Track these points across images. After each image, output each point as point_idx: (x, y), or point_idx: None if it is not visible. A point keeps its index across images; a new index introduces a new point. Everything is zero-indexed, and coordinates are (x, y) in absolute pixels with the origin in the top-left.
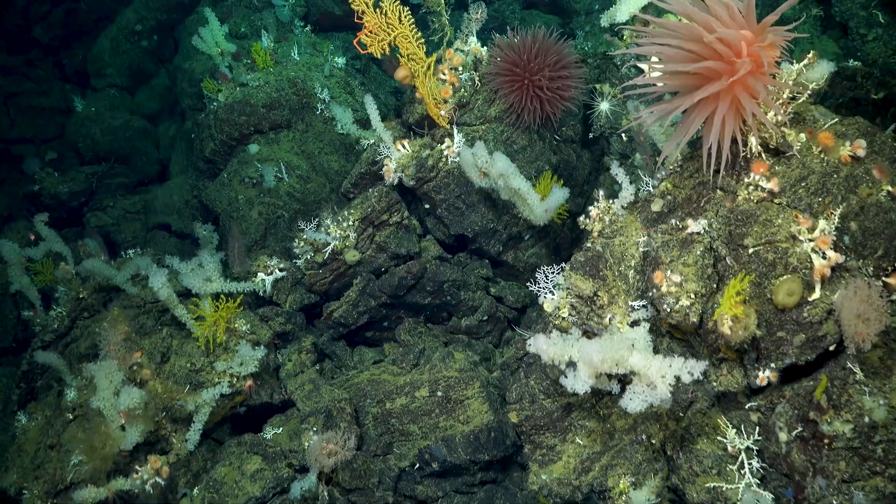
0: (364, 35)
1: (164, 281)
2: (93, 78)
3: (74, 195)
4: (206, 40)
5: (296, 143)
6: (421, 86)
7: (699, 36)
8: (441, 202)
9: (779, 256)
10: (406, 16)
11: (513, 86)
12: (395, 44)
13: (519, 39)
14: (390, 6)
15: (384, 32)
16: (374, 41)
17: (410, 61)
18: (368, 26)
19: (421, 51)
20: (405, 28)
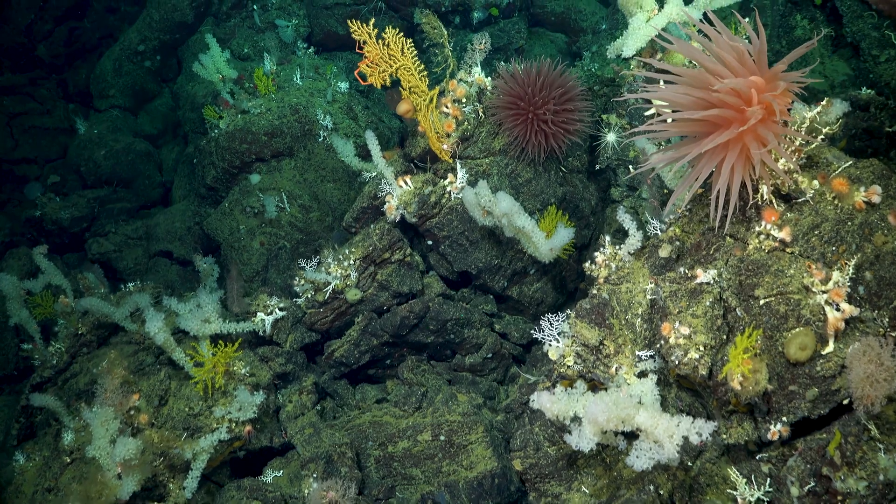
0: (365, 65)
1: (161, 325)
2: (96, 99)
3: (76, 221)
4: (206, 67)
5: (298, 172)
6: (423, 120)
7: (708, 83)
8: (444, 239)
9: (791, 308)
10: (409, 47)
11: (517, 119)
12: (397, 76)
13: (523, 71)
14: (393, 37)
15: (386, 64)
16: (375, 72)
17: (412, 94)
18: (370, 57)
19: (423, 83)
20: (407, 60)
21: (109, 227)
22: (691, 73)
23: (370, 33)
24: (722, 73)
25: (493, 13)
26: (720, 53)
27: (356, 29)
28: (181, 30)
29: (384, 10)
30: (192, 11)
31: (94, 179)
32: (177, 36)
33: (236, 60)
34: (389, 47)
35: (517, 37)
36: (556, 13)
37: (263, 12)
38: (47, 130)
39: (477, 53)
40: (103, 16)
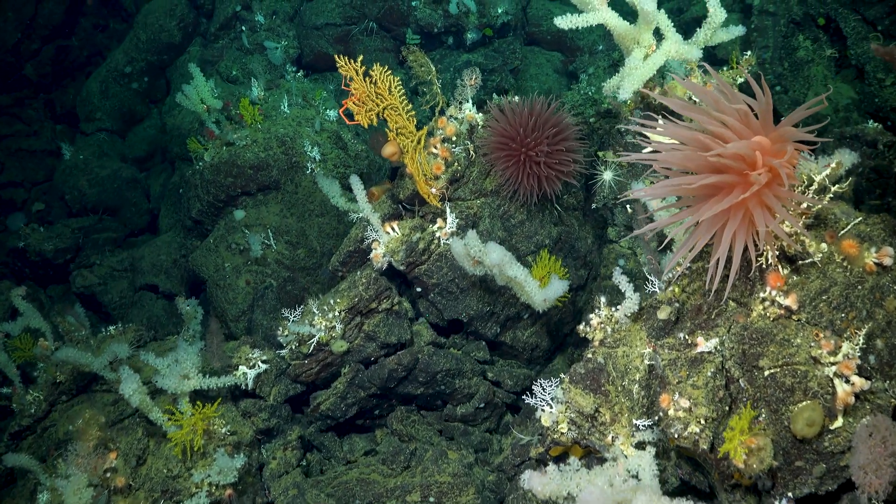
0: (352, 103)
1: (136, 387)
2: (82, 122)
3: (60, 252)
4: (190, 97)
5: (284, 206)
6: (410, 163)
7: (709, 146)
8: (433, 286)
9: (797, 381)
10: (396, 86)
11: (508, 161)
12: (384, 116)
13: (516, 109)
14: (380, 75)
15: (373, 103)
16: (361, 111)
17: (399, 136)
18: (357, 95)
19: (411, 123)
20: (395, 99)
21: (94, 259)
22: (692, 136)
23: (357, 70)
24: (724, 136)
25: (488, 33)
26: (722, 117)
27: (343, 65)
28: (169, 51)
29: (376, 30)
30: (179, 32)
31: (79, 208)
32: (164, 57)
33: (224, 83)
34: (377, 85)
35: (512, 57)
36: (552, 32)
37: (252, 33)
38: (34, 153)
39: (468, 89)
40: (91, 34)
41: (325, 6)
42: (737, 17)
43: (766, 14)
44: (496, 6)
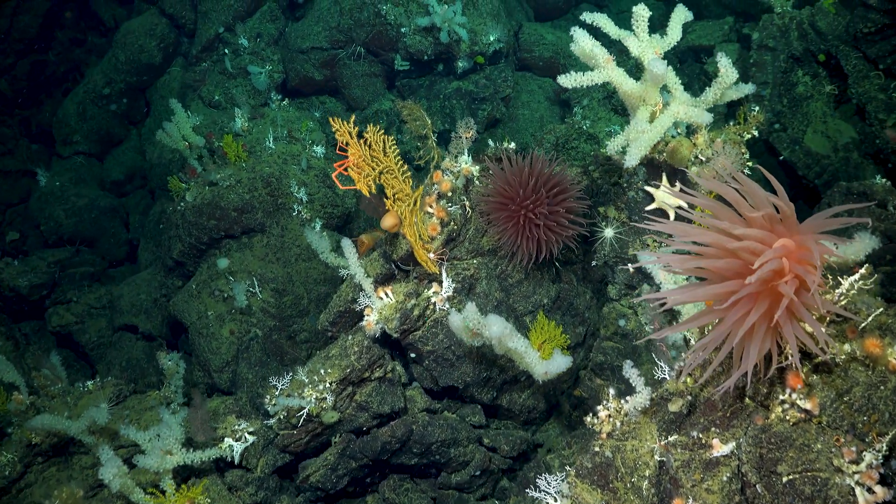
0: (350, 168)
1: (116, 471)
2: (59, 145)
3: (35, 288)
4: (172, 135)
5: (270, 250)
6: (408, 229)
7: (732, 253)
8: (428, 353)
9: (817, 489)
10: (391, 146)
11: (507, 223)
12: (380, 181)
13: (515, 167)
14: (375, 137)
15: (369, 167)
16: (360, 177)
17: (397, 202)
18: (353, 159)
19: (408, 185)
20: (391, 161)
21: (71, 295)
22: (714, 241)
23: (352, 133)
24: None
25: (479, 61)
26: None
27: (338, 128)
28: (149, 71)
29: (363, 54)
30: (160, 53)
31: (55, 239)
32: (144, 77)
33: (206, 108)
34: (371, 148)
35: (503, 85)
36: (544, 58)
37: (235, 56)
38: (9, 174)
39: (464, 141)
40: (68, 49)
41: (311, 29)
42: (735, 48)
43: (765, 49)
44: (488, 34)
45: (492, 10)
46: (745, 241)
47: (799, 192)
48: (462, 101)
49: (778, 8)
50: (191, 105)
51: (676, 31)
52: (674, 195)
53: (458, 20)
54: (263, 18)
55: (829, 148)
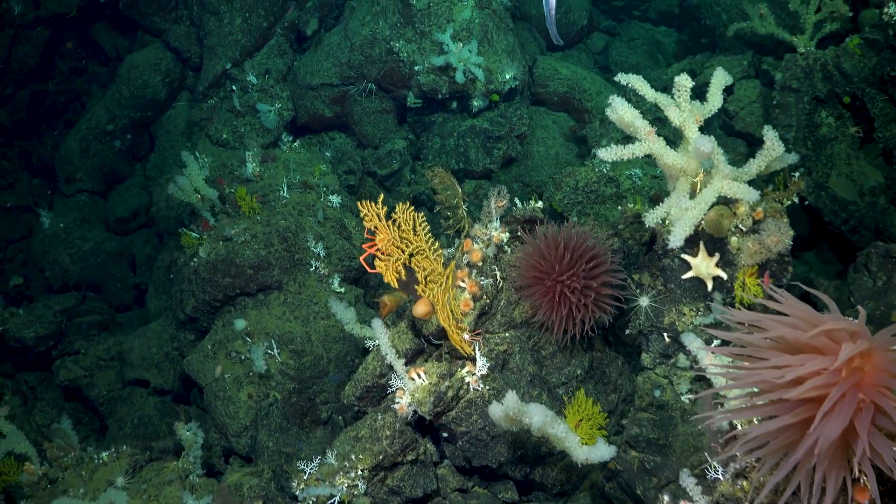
0: (376, 255)
1: None
2: (62, 183)
3: (42, 339)
4: (185, 189)
5: (287, 308)
6: (441, 311)
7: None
8: (462, 434)
9: None
10: (421, 222)
11: (542, 298)
12: (411, 264)
13: (548, 239)
14: (403, 215)
15: (398, 250)
16: (387, 264)
17: (429, 284)
18: (380, 245)
19: (439, 263)
20: (421, 240)
21: (79, 345)
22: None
23: (379, 214)
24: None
25: (494, 99)
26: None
27: (366, 212)
28: (154, 107)
29: (374, 91)
30: (164, 88)
31: (60, 285)
32: (149, 113)
33: (214, 146)
34: (400, 228)
35: (519, 123)
36: (559, 93)
37: (244, 94)
38: (10, 210)
39: (494, 211)
40: (69, 78)
41: (321, 65)
42: (754, 84)
43: (788, 90)
44: (504, 72)
45: (507, 47)
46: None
47: (824, 237)
48: (476, 139)
49: (801, 48)
50: (198, 144)
51: (717, 98)
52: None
53: (474, 60)
54: (271, 53)
55: (854, 192)
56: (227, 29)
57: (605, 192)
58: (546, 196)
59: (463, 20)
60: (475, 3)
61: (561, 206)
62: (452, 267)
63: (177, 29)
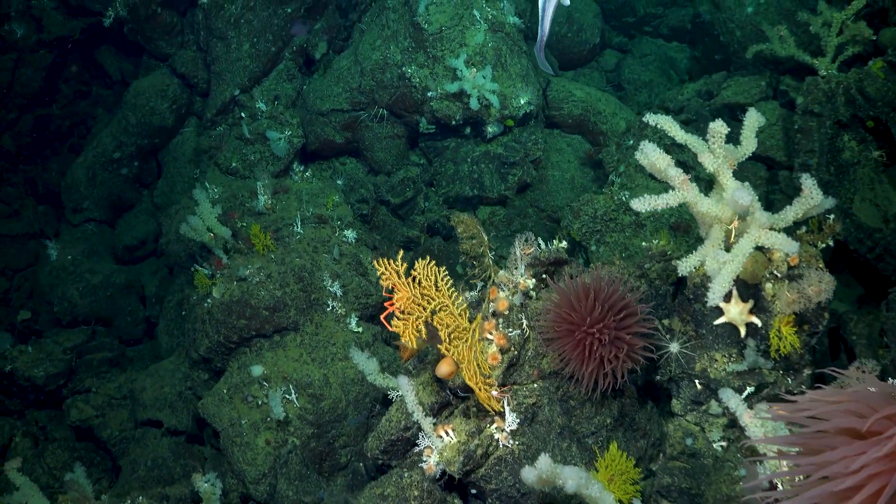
0: (395, 314)
1: None
2: (68, 212)
3: (51, 378)
4: (197, 229)
5: (304, 350)
6: (467, 369)
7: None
8: (492, 492)
9: None
10: (443, 276)
11: (572, 351)
12: (433, 322)
13: (578, 289)
14: (424, 272)
15: (419, 308)
16: (407, 324)
17: (454, 342)
18: (399, 304)
19: (464, 318)
20: (444, 296)
21: (90, 383)
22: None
23: (399, 271)
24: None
25: (509, 124)
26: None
27: (384, 271)
28: (161, 134)
29: (386, 116)
30: (172, 115)
31: (69, 320)
32: (156, 140)
33: (223, 175)
34: (421, 285)
35: (534, 148)
36: (574, 116)
37: (253, 121)
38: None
39: (520, 258)
40: (73, 101)
41: (331, 90)
42: (773, 106)
43: (810, 115)
44: (518, 97)
45: (521, 71)
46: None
47: (848, 263)
48: (491, 164)
49: (822, 70)
50: (207, 172)
51: (751, 141)
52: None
53: (489, 86)
54: (280, 78)
55: (878, 219)
56: (235, 54)
57: (624, 221)
58: (564, 224)
59: (476, 44)
60: (488, 27)
61: (579, 234)
62: (479, 320)
63: (183, 54)
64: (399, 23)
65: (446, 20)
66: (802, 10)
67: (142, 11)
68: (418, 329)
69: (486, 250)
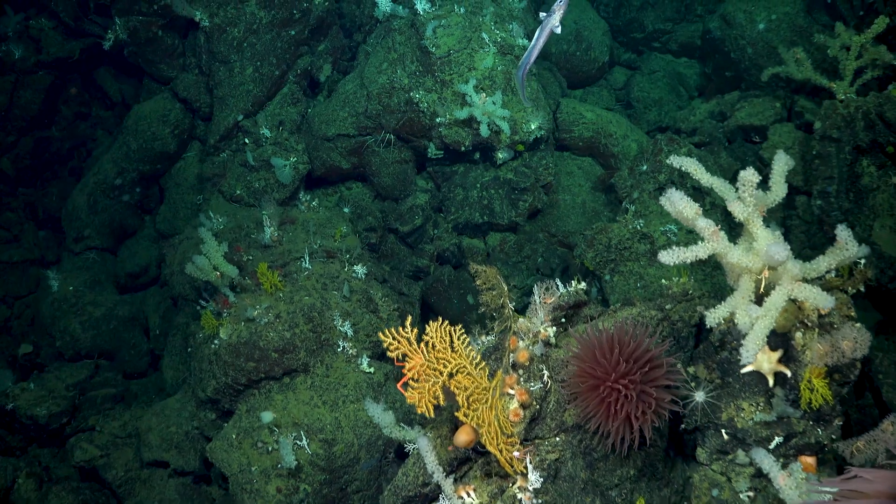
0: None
1: None
2: (69, 241)
3: (55, 417)
4: (203, 268)
5: (315, 392)
6: (487, 434)
7: None
8: None
9: None
10: (460, 335)
11: (597, 407)
12: (450, 386)
13: (602, 339)
14: (437, 334)
15: (435, 373)
16: (422, 392)
17: (473, 404)
18: (413, 371)
19: (483, 377)
20: (462, 357)
21: (93, 421)
22: None
23: (409, 338)
24: None
25: (520, 149)
26: None
27: (391, 342)
28: (163, 159)
29: (393, 141)
30: (174, 140)
31: (72, 354)
32: (158, 166)
33: (227, 203)
34: (436, 349)
35: (545, 173)
36: (584, 138)
37: (257, 147)
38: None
39: (541, 307)
40: (73, 123)
41: (337, 115)
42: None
43: (829, 140)
44: (529, 122)
45: (531, 95)
46: None
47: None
48: (501, 190)
49: (840, 94)
50: (211, 200)
51: (781, 187)
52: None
53: (499, 113)
54: (284, 102)
55: None
56: (238, 79)
57: (639, 249)
58: (577, 253)
59: (485, 68)
60: (497, 50)
61: (593, 264)
62: (499, 377)
63: (185, 77)
64: (406, 45)
65: (454, 43)
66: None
67: (142, 34)
68: (435, 396)
69: (506, 301)
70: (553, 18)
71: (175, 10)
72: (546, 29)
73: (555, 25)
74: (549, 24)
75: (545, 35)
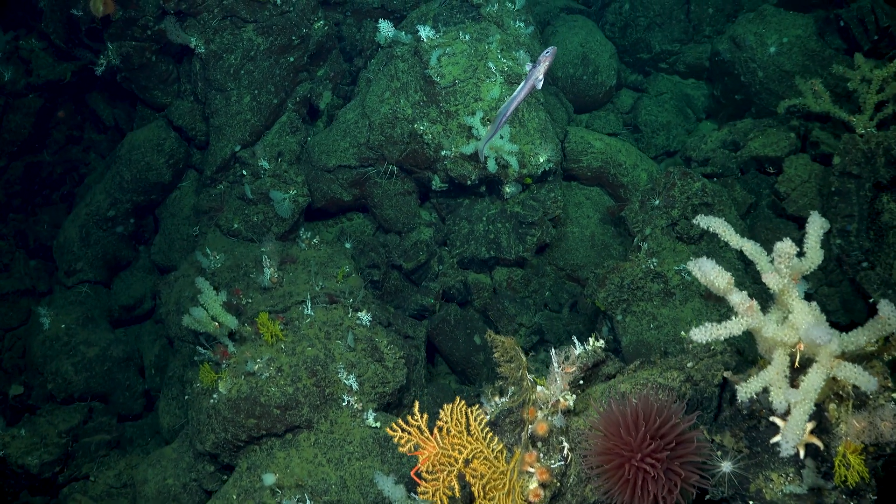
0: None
1: None
2: (61, 275)
3: (46, 466)
4: (201, 320)
5: (319, 450)
6: None
7: None
8: None
9: None
10: (477, 417)
11: (623, 487)
12: (466, 474)
13: (628, 414)
14: (452, 418)
15: (450, 460)
16: (437, 484)
17: (490, 493)
18: (426, 465)
19: (501, 460)
20: (479, 441)
21: (87, 469)
22: None
23: (421, 425)
24: None
25: (527, 182)
26: None
27: (401, 434)
28: (157, 190)
29: (396, 173)
30: (169, 170)
31: (64, 397)
32: (153, 196)
33: (225, 237)
34: (451, 434)
35: (553, 207)
36: (593, 168)
37: (255, 179)
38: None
39: (560, 377)
40: (65, 147)
41: (338, 145)
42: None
43: (848, 176)
44: (538, 154)
45: (539, 125)
46: None
47: None
48: (507, 223)
49: (860, 129)
50: (208, 234)
51: (817, 252)
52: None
53: (507, 148)
54: (283, 131)
55: None
56: (235, 108)
57: (652, 289)
58: (588, 293)
59: (492, 99)
60: (504, 79)
61: (604, 304)
62: (517, 457)
63: (180, 105)
64: (409, 74)
65: (460, 72)
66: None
67: (135, 60)
68: (450, 487)
69: (524, 373)
70: (537, 71)
71: (169, 38)
72: (529, 82)
73: (538, 79)
74: (533, 76)
75: (527, 88)
